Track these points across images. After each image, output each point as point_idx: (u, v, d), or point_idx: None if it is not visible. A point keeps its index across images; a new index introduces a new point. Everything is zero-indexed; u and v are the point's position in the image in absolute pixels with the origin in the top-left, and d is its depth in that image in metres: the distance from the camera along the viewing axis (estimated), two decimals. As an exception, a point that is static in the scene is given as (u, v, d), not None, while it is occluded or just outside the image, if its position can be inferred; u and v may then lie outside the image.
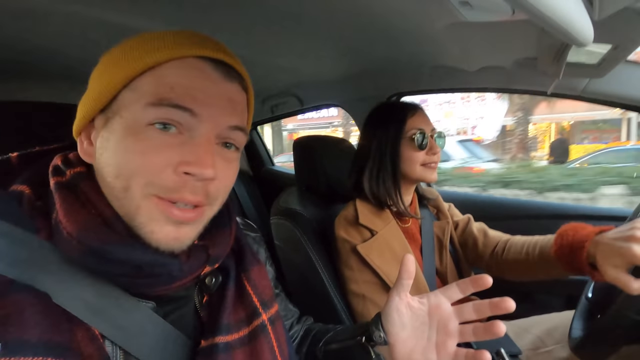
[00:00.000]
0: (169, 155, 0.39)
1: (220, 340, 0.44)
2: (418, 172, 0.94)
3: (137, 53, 0.40)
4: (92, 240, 0.38)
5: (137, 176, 0.38)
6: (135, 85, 0.40)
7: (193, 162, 0.39)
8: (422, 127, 0.93)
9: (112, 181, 0.39)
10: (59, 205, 0.39)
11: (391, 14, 0.75)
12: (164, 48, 0.40)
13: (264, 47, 0.98)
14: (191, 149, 0.40)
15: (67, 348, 0.35)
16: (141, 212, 0.39)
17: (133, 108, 0.39)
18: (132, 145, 0.39)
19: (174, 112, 0.39)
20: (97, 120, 0.42)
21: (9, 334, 0.33)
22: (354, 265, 0.90)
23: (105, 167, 0.40)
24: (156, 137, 0.39)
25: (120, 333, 0.40)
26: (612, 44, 0.70)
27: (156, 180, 0.39)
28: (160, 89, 0.39)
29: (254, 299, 0.51)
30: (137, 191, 0.39)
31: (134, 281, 0.40)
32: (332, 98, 1.58)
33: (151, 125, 0.39)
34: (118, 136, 0.39)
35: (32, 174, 0.44)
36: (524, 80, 1.06)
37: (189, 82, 0.40)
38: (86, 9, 0.67)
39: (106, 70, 0.41)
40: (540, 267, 0.86)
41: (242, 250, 0.55)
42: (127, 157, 0.39)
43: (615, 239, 0.64)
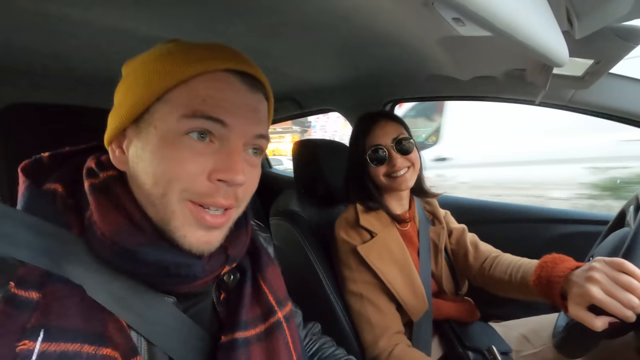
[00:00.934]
0: (203, 163, 0.42)
1: (239, 335, 0.47)
2: (384, 183, 0.96)
3: (169, 67, 0.42)
4: (125, 241, 0.41)
5: (174, 183, 0.41)
6: (168, 97, 0.42)
7: (225, 170, 0.42)
8: (377, 143, 0.95)
9: (149, 188, 0.42)
10: (94, 207, 0.42)
11: (389, 26, 0.79)
12: (195, 62, 0.42)
13: (264, 53, 1.01)
14: (223, 157, 0.43)
15: (102, 336, 0.38)
16: (176, 217, 0.42)
17: (168, 119, 0.42)
18: (169, 154, 0.41)
19: (207, 123, 0.42)
20: (128, 131, 0.44)
21: (50, 322, 0.36)
22: (353, 266, 0.93)
23: (141, 175, 0.43)
24: (191, 146, 0.42)
25: (145, 324, 0.43)
26: (594, 59, 0.75)
27: (191, 187, 0.42)
28: (193, 101, 0.41)
29: (270, 297, 0.53)
30: (174, 197, 0.42)
31: (160, 280, 0.44)
32: (330, 103, 1.62)
33: (186, 135, 0.42)
34: (154, 146, 0.42)
35: (64, 173, 0.46)
36: (514, 90, 1.11)
37: (220, 95, 0.42)
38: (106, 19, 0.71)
39: (137, 84, 0.43)
40: (519, 290, 0.89)
41: (257, 251, 0.57)
42: (165, 166, 0.41)
43: (578, 278, 0.68)
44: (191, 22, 0.79)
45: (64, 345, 0.35)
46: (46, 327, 0.35)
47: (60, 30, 0.76)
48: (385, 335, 0.89)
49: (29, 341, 0.34)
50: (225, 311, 0.50)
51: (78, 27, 0.76)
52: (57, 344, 0.35)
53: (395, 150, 0.94)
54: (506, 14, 0.29)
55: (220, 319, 0.50)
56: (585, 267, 0.68)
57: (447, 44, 0.84)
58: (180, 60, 0.42)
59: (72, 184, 0.45)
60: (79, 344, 0.36)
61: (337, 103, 1.60)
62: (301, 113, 1.76)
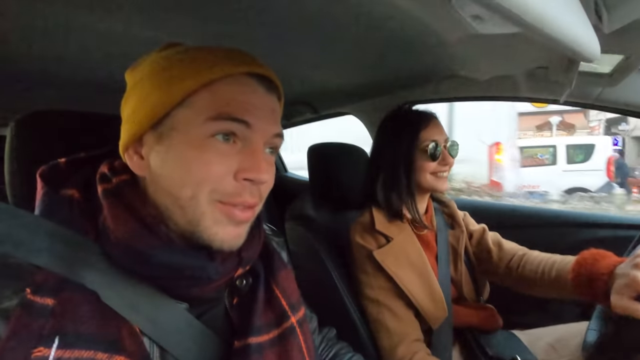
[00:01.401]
0: (229, 163, 0.43)
1: (252, 341, 0.47)
2: (429, 181, 0.95)
3: (189, 71, 0.43)
4: (138, 244, 0.41)
5: (202, 185, 0.42)
6: (190, 101, 0.43)
7: (250, 169, 0.44)
8: (435, 138, 0.94)
9: (177, 191, 0.43)
10: (107, 211, 0.42)
11: (405, 28, 0.78)
12: (217, 66, 0.43)
13: (280, 57, 1.01)
14: (247, 157, 0.44)
15: (115, 343, 0.38)
16: (206, 217, 0.43)
17: (193, 123, 0.42)
18: (196, 156, 0.42)
19: (232, 125, 0.43)
20: (147, 136, 0.45)
21: (65, 328, 0.36)
22: (369, 271, 0.92)
23: (166, 179, 0.43)
24: (217, 148, 0.43)
25: (158, 330, 0.43)
26: (624, 55, 0.71)
27: (219, 188, 0.43)
28: (216, 103, 0.42)
29: (283, 302, 0.53)
30: (203, 199, 0.43)
31: (174, 283, 0.44)
32: (345, 107, 1.61)
33: (212, 137, 0.42)
34: (179, 150, 0.43)
35: (80, 178, 0.47)
36: (536, 89, 1.06)
37: (242, 97, 0.44)
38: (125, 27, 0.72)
39: (155, 90, 0.43)
40: (553, 288, 0.87)
41: (270, 255, 0.57)
42: (192, 168, 0.42)
43: (623, 270, 0.67)
44: (206, 26, 0.79)
45: (78, 352, 0.36)
46: (61, 333, 0.36)
47: (81, 39, 0.78)
48: (403, 342, 0.86)
49: (44, 348, 0.34)
50: (238, 316, 0.50)
51: (95, 36, 0.78)
52: (72, 350, 0.35)
53: (446, 151, 0.95)
54: (535, 7, 0.27)
55: (234, 324, 0.50)
56: (630, 258, 0.66)
57: (464, 43, 0.82)
58: (202, 64, 0.43)
59: (88, 189, 0.46)
60: (92, 351, 0.36)
61: (352, 106, 1.59)
62: (315, 117, 1.76)
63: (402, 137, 0.96)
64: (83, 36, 0.78)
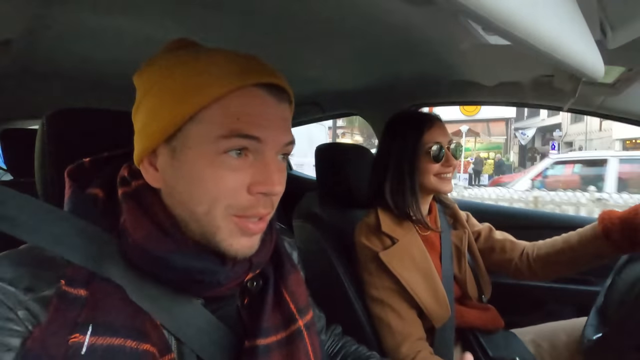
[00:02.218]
0: (242, 178, 0.43)
1: (260, 342, 0.48)
2: (432, 182, 0.96)
3: (199, 86, 0.41)
4: (155, 249, 0.42)
5: (217, 201, 0.43)
6: (201, 117, 0.42)
7: (264, 182, 0.44)
8: (439, 140, 0.95)
9: (192, 206, 0.43)
10: (126, 215, 0.44)
11: (415, 34, 0.80)
12: (227, 79, 0.42)
13: (289, 58, 1.03)
14: (259, 170, 0.44)
15: (141, 333, 0.41)
16: (222, 231, 0.44)
17: (205, 140, 0.42)
18: (210, 174, 0.42)
19: (244, 141, 0.42)
20: (160, 149, 0.44)
21: (98, 317, 0.39)
22: (373, 271, 0.94)
23: (181, 193, 0.44)
24: (230, 164, 0.43)
25: (176, 324, 0.45)
26: (627, 67, 0.74)
27: (234, 203, 0.43)
28: (227, 119, 0.42)
29: (291, 305, 0.54)
30: (218, 214, 0.43)
31: (187, 285, 0.46)
32: (352, 107, 1.63)
33: (224, 154, 0.42)
34: (192, 166, 0.43)
35: (103, 178, 0.49)
36: (541, 95, 1.09)
37: (252, 111, 0.43)
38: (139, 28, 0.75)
39: (165, 104, 0.42)
40: (580, 251, 0.92)
41: (281, 258, 0.58)
42: (206, 186, 0.42)
43: None
44: (216, 30, 0.81)
45: (109, 339, 0.38)
46: (94, 322, 0.38)
47: (104, 40, 0.80)
48: (407, 341, 0.89)
49: (80, 334, 0.37)
50: (248, 316, 0.51)
51: (113, 36, 0.80)
52: (104, 338, 0.38)
53: (450, 152, 0.97)
54: (547, 35, 0.29)
55: (245, 323, 0.52)
56: None
57: (473, 51, 0.85)
58: (213, 76, 0.42)
59: (111, 190, 0.48)
60: (122, 339, 0.39)
61: (359, 107, 1.61)
62: (322, 116, 1.78)
63: (406, 138, 0.97)
64: (102, 36, 0.80)
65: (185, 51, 0.45)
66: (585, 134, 16.68)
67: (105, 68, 0.99)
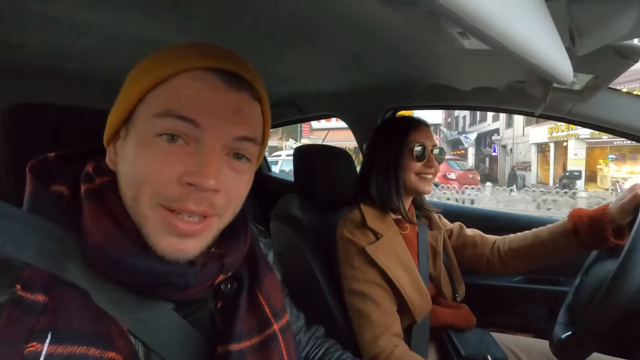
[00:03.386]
0: (173, 166, 0.40)
1: (233, 348, 0.46)
2: (413, 181, 0.99)
3: (150, 67, 0.43)
4: (114, 251, 0.40)
5: (144, 186, 0.40)
6: (149, 98, 0.42)
7: (195, 173, 0.40)
8: (423, 141, 0.99)
9: (125, 190, 0.42)
10: (87, 212, 0.41)
11: (395, 36, 0.81)
12: (174, 61, 0.41)
13: (267, 58, 1.02)
14: (195, 160, 0.40)
15: (107, 340, 0.38)
16: (149, 222, 0.41)
17: (145, 120, 0.41)
18: (142, 155, 0.40)
19: (179, 123, 0.40)
20: (121, 132, 0.45)
21: (58, 324, 0.36)
22: (357, 265, 0.94)
23: (120, 175, 0.43)
24: (163, 148, 0.40)
25: (143, 329, 0.43)
26: (594, 75, 0.77)
27: (162, 191, 0.40)
28: (169, 100, 0.40)
29: (266, 309, 0.52)
30: (145, 201, 0.40)
31: (153, 289, 0.43)
32: (331, 108, 1.63)
33: (159, 137, 0.40)
34: (132, 147, 0.42)
35: (69, 175, 0.46)
36: (514, 101, 1.13)
37: (196, 93, 0.41)
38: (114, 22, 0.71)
39: (128, 85, 0.44)
40: (550, 246, 0.96)
41: (256, 259, 0.56)
42: (137, 167, 0.40)
43: (621, 195, 0.84)
44: (197, 29, 0.79)
45: (70, 347, 0.36)
46: (54, 329, 0.35)
47: (69, 33, 0.76)
48: (385, 334, 0.89)
49: (37, 343, 0.34)
50: (222, 320, 0.49)
51: (87, 30, 0.76)
52: (64, 346, 0.35)
53: (432, 155, 1.00)
54: (519, 36, 0.30)
55: (218, 327, 0.50)
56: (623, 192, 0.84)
57: (450, 55, 0.86)
58: (162, 60, 0.42)
59: (77, 186, 0.45)
60: (85, 347, 0.36)
61: (338, 109, 1.61)
62: (301, 118, 1.77)
63: (394, 136, 1.01)
64: (86, 33, 0.77)
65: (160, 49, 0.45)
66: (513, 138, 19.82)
67: (71, 62, 0.95)
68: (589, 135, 14.73)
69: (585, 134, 14.84)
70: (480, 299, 1.13)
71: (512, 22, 0.29)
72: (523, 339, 1.10)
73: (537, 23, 0.37)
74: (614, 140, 14.36)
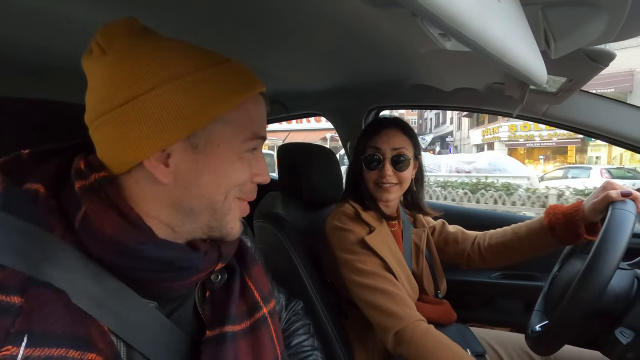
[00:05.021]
0: (250, 170, 0.50)
1: (229, 329, 0.49)
2: (372, 189, 1.00)
3: (226, 91, 0.45)
4: (128, 240, 0.41)
5: (234, 188, 0.49)
6: (227, 118, 0.46)
7: (262, 174, 0.52)
8: (379, 147, 0.97)
9: (213, 195, 0.47)
10: (89, 209, 0.41)
11: (377, 36, 0.82)
12: (247, 87, 0.47)
13: (252, 55, 1.01)
14: (258, 163, 0.52)
15: (86, 341, 0.38)
16: (231, 213, 0.50)
17: (233, 139, 0.47)
18: (237, 167, 0.48)
19: (259, 142, 0.51)
20: (175, 145, 0.43)
21: (34, 326, 0.35)
22: (359, 251, 0.94)
23: (203, 186, 0.46)
24: (249, 159, 0.50)
25: (125, 328, 0.43)
26: (568, 77, 0.80)
27: (243, 188, 0.50)
28: (248, 122, 0.48)
29: (255, 294, 0.56)
30: (231, 198, 0.49)
31: (160, 275, 0.45)
32: (315, 107, 1.63)
33: (247, 151, 0.49)
34: (220, 160, 0.47)
35: (46, 172, 0.44)
36: (494, 102, 1.16)
37: (260, 114, 0.51)
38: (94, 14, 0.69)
39: (192, 104, 0.42)
40: (527, 242, 0.99)
41: (244, 251, 0.61)
42: (232, 176, 0.48)
43: (593, 194, 0.86)
44: (183, 25, 0.78)
45: (48, 350, 0.35)
46: (30, 332, 0.35)
47: (45, 24, 0.74)
48: (409, 306, 0.89)
49: (12, 346, 0.34)
50: (211, 308, 0.52)
51: (63, 22, 0.74)
52: (42, 349, 0.35)
53: (390, 162, 0.97)
54: (495, 39, 0.31)
55: (204, 317, 0.52)
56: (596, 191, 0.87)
57: (432, 56, 0.88)
58: (238, 84, 0.47)
59: (55, 184, 0.44)
60: (64, 349, 0.36)
61: (322, 107, 1.62)
62: (286, 116, 1.77)
63: (360, 142, 1.02)
64: (64, 25, 0.74)
65: (173, 43, 0.45)
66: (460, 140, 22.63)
67: (36, 53, 0.91)
68: (507, 138, 17.37)
69: (505, 138, 17.39)
70: (460, 295, 1.16)
71: (489, 25, 0.30)
72: (501, 333, 1.13)
73: (514, 26, 0.38)
74: (526, 142, 17.43)
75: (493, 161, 9.17)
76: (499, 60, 0.33)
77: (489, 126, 18.34)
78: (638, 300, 0.72)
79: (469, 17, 0.27)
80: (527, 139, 17.38)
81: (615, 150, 15.13)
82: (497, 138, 17.74)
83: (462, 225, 1.20)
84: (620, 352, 0.69)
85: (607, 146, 15.18)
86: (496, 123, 17.49)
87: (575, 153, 17.16)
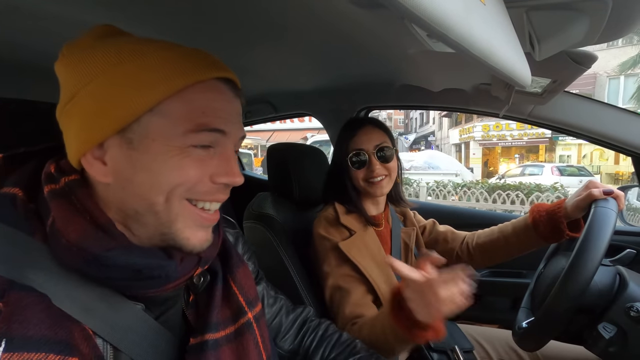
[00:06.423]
0: (205, 168, 0.44)
1: (209, 337, 0.47)
2: (363, 187, 1.01)
3: (159, 77, 0.40)
4: (93, 247, 0.39)
5: (178, 188, 0.43)
6: (161, 109, 0.41)
7: (227, 174, 0.45)
8: (361, 147, 0.99)
9: (152, 197, 0.42)
10: (56, 214, 0.40)
11: (366, 37, 0.82)
12: (187, 72, 0.42)
13: (240, 54, 1.00)
14: (222, 162, 0.45)
15: (68, 345, 0.37)
16: (179, 219, 0.44)
17: (171, 133, 0.42)
18: (176, 164, 0.42)
19: (212, 135, 0.44)
20: (110, 141, 0.42)
21: (13, 331, 0.34)
22: (332, 262, 0.96)
23: (139, 185, 0.42)
24: (197, 156, 0.43)
25: (112, 331, 0.42)
26: (552, 79, 0.81)
27: (194, 188, 0.44)
28: (193, 114, 0.42)
29: (240, 298, 0.54)
30: (176, 200, 0.43)
31: (131, 284, 0.43)
32: (305, 107, 1.63)
33: (192, 147, 0.43)
34: (155, 157, 0.42)
35: (22, 176, 0.44)
36: (481, 103, 1.17)
37: (215, 105, 0.44)
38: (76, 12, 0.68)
39: (120, 95, 0.40)
40: (513, 240, 1.01)
41: (228, 252, 0.58)
42: (171, 174, 0.42)
43: (576, 192, 0.89)
44: (168, 22, 0.77)
45: (27, 354, 0.34)
46: (9, 336, 0.34)
47: (32, 25, 0.72)
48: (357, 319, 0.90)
49: None
50: (195, 313, 0.50)
51: (50, 24, 0.72)
52: (20, 354, 0.34)
53: (375, 157, 0.99)
54: (480, 41, 0.31)
55: (191, 321, 0.50)
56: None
57: (420, 57, 0.89)
58: (172, 69, 0.41)
59: (33, 189, 0.43)
60: (44, 354, 0.35)
61: (311, 107, 1.61)
62: (276, 116, 1.76)
63: (341, 145, 1.03)
64: (49, 27, 0.72)
65: (124, 40, 0.43)
66: (441, 139, 23.43)
67: (32, 55, 0.89)
68: (481, 137, 18.01)
69: (479, 137, 18.07)
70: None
71: (475, 27, 0.31)
72: (488, 329, 1.15)
73: (499, 29, 0.39)
74: (499, 142, 18.08)
75: (428, 160, 9.65)
76: (484, 62, 0.34)
77: (465, 126, 18.80)
78: (620, 295, 0.74)
79: (455, 20, 0.27)
80: (499, 139, 17.93)
81: (585, 149, 16.04)
82: (472, 137, 18.32)
83: (452, 224, 1.22)
84: (603, 346, 0.71)
85: (577, 145, 16.12)
86: (471, 123, 17.98)
87: (544, 152, 17.83)
